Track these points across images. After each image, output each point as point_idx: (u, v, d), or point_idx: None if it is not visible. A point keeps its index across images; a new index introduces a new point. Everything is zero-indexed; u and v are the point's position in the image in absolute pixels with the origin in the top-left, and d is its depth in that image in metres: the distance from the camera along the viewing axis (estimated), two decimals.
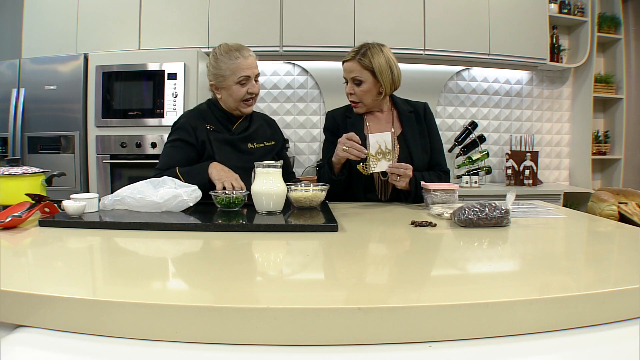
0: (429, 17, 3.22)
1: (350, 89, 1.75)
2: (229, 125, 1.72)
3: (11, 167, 1.46)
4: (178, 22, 3.13)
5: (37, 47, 3.13)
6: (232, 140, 1.69)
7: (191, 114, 1.73)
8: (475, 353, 0.64)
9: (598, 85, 3.57)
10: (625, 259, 0.96)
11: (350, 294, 0.74)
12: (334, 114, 1.88)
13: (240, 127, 1.73)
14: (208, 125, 1.68)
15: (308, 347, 0.63)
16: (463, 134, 3.50)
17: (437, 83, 3.55)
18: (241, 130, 1.73)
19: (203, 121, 1.69)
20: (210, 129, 1.67)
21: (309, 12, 3.16)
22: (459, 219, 1.25)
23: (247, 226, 1.21)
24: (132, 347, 0.63)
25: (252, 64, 1.66)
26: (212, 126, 1.68)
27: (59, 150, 2.91)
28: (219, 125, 1.70)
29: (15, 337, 0.66)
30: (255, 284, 0.79)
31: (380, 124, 1.82)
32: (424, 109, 1.85)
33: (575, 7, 3.54)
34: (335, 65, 3.45)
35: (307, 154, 3.55)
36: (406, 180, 1.62)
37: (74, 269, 0.86)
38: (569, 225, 1.37)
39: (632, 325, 0.70)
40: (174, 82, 2.85)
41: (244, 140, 1.71)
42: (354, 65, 1.71)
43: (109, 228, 1.19)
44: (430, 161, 1.82)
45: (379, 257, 1.01)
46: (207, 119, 1.70)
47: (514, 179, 3.47)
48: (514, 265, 0.97)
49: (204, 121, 1.69)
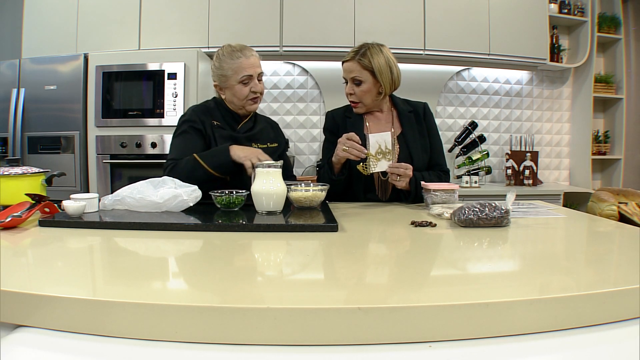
0: (429, 17, 3.22)
1: (350, 89, 1.75)
2: (234, 125, 1.74)
3: (11, 167, 1.46)
4: (178, 22, 3.13)
5: (37, 47, 3.13)
6: (237, 138, 1.70)
7: (198, 108, 1.74)
8: (475, 353, 0.64)
9: (598, 85, 3.57)
10: (625, 259, 0.96)
11: (350, 294, 0.74)
12: (334, 114, 1.88)
13: (245, 127, 1.74)
14: (215, 121, 1.70)
15: (308, 347, 0.63)
16: (463, 134, 3.50)
17: (437, 83, 3.55)
18: (246, 130, 1.74)
19: (210, 117, 1.70)
20: (217, 125, 1.69)
21: (309, 12, 3.16)
22: (459, 219, 1.25)
23: (247, 226, 1.21)
24: (132, 347, 0.63)
25: (254, 63, 1.67)
26: (218, 122, 1.70)
27: (59, 150, 2.91)
28: (225, 123, 1.72)
29: (15, 337, 0.66)
30: (255, 284, 0.79)
31: (380, 124, 1.82)
32: (424, 109, 1.85)
33: (575, 7, 3.54)
34: (335, 65, 3.45)
35: (307, 154, 3.55)
36: (406, 180, 1.62)
37: (74, 269, 0.86)
38: (569, 225, 1.37)
39: (632, 325, 0.70)
40: (174, 82, 2.85)
41: (249, 139, 1.72)
42: (354, 65, 1.71)
43: (109, 228, 1.19)
44: (430, 161, 1.82)
45: (379, 257, 1.01)
46: (214, 115, 1.72)
47: (514, 179, 3.47)
48: (514, 265, 0.97)
49: (210, 117, 1.70)
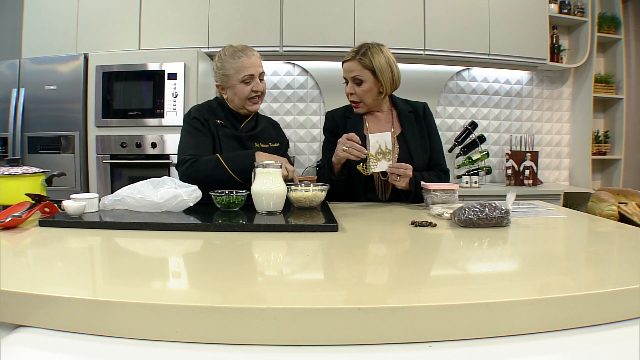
0: (429, 17, 3.22)
1: (350, 89, 1.75)
2: (237, 124, 1.75)
3: (11, 167, 1.46)
4: (178, 22, 3.13)
5: (37, 47, 3.13)
6: (240, 137, 1.71)
7: (202, 107, 1.75)
8: (475, 353, 0.64)
9: (598, 85, 3.57)
10: (625, 259, 0.96)
11: (350, 294, 0.74)
12: (334, 114, 1.88)
13: (247, 126, 1.75)
14: (218, 120, 1.71)
15: (308, 347, 0.63)
16: (463, 134, 3.50)
17: (437, 83, 3.55)
18: (248, 129, 1.75)
19: (213, 115, 1.72)
20: (220, 124, 1.70)
21: (309, 12, 3.16)
22: (459, 219, 1.25)
23: (247, 226, 1.21)
24: (132, 347, 0.63)
25: (255, 63, 1.67)
26: (221, 121, 1.71)
27: (59, 150, 2.91)
28: (227, 122, 1.73)
29: (15, 337, 0.66)
30: (255, 284, 0.79)
31: (380, 124, 1.82)
32: (424, 109, 1.86)
33: (575, 7, 3.54)
34: (335, 65, 3.45)
35: (307, 154, 3.55)
36: (406, 180, 1.63)
37: (74, 269, 0.86)
38: (569, 225, 1.37)
39: (632, 325, 0.70)
40: (174, 82, 2.85)
41: (251, 138, 1.73)
42: (354, 65, 1.71)
43: (109, 228, 1.19)
44: (430, 161, 1.82)
45: (379, 257, 1.01)
46: (217, 114, 1.73)
47: (514, 179, 3.47)
48: (514, 265, 0.97)
49: (214, 115, 1.72)
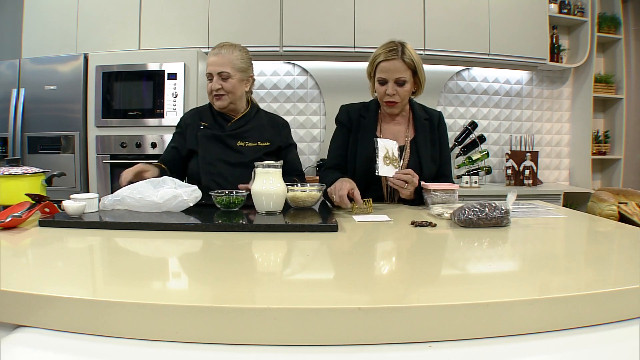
0: (429, 17, 3.22)
1: (392, 90, 1.66)
2: (224, 124, 1.78)
3: (11, 167, 1.46)
4: (178, 22, 3.13)
5: (37, 47, 3.13)
6: (221, 137, 1.75)
7: (191, 111, 1.86)
8: (475, 353, 0.64)
9: (598, 85, 3.57)
10: (625, 259, 0.96)
11: (350, 294, 0.74)
12: (349, 109, 1.82)
13: (233, 126, 1.78)
14: (202, 123, 1.77)
15: (308, 347, 0.63)
16: (463, 134, 3.50)
17: (437, 83, 3.55)
18: (234, 129, 1.77)
19: (198, 119, 1.79)
20: (203, 126, 1.76)
21: (309, 12, 3.16)
22: (459, 219, 1.25)
23: (247, 226, 1.21)
24: (132, 347, 0.63)
25: (215, 62, 1.69)
26: (205, 124, 1.77)
27: (59, 150, 2.91)
28: (214, 123, 1.78)
29: (15, 337, 0.66)
30: (255, 284, 0.79)
31: (395, 129, 1.77)
32: (439, 119, 1.81)
33: (575, 7, 3.54)
34: (335, 65, 3.47)
35: (307, 154, 3.55)
36: (411, 189, 1.57)
37: (74, 269, 0.86)
38: (569, 225, 1.37)
39: (632, 325, 0.70)
40: (174, 82, 2.85)
41: (233, 137, 1.75)
42: (399, 64, 1.62)
43: (109, 228, 1.19)
44: (437, 172, 1.78)
45: (379, 257, 1.01)
46: (204, 117, 1.79)
47: (514, 179, 3.47)
48: (514, 265, 0.97)
49: (199, 119, 1.78)
